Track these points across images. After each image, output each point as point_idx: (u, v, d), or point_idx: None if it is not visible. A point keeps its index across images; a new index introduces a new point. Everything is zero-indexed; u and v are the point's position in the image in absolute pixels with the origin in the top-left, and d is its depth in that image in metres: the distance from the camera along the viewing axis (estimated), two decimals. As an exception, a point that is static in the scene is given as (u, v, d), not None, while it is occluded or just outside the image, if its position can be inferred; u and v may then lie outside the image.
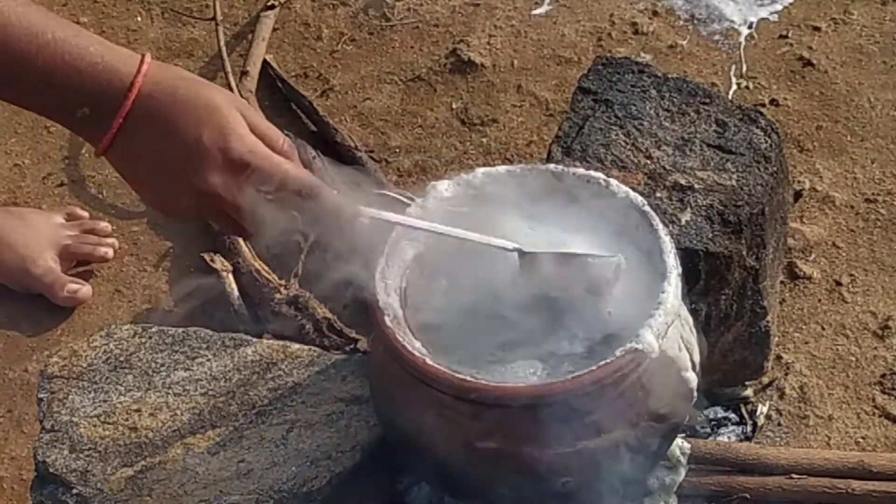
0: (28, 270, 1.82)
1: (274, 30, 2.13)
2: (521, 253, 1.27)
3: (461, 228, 1.27)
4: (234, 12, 2.18)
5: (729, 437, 1.56)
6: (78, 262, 1.87)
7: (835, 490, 1.46)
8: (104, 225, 1.90)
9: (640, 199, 1.32)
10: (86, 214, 1.91)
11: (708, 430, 1.57)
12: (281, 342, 1.51)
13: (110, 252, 1.87)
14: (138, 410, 1.42)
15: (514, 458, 1.23)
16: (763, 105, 1.96)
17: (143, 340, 1.49)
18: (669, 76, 1.61)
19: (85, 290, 1.84)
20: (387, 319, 1.24)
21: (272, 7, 2.15)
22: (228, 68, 1.99)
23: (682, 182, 1.49)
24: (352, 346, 1.62)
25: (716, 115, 1.57)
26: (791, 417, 1.62)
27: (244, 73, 2.01)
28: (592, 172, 1.35)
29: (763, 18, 2.09)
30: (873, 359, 1.67)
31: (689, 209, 1.46)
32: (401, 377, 1.25)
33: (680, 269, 1.26)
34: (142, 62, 1.13)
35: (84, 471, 1.37)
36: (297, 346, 1.50)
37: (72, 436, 1.40)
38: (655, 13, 2.11)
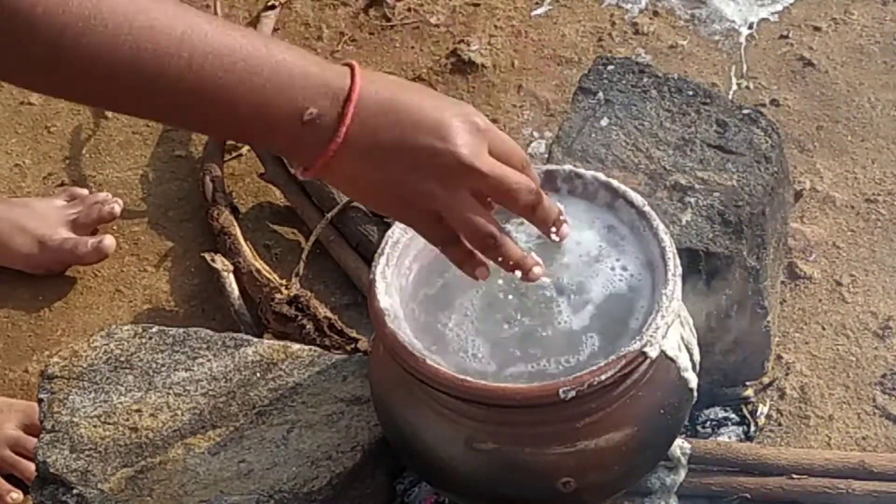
0: (46, 246, 1.82)
1: (274, 30, 2.13)
2: None
3: None
4: (234, 12, 2.18)
5: (729, 437, 1.56)
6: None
7: (835, 490, 1.46)
8: (104, 194, 1.89)
9: (640, 199, 1.32)
10: (84, 191, 1.90)
11: (708, 430, 1.57)
12: (281, 342, 1.51)
13: (117, 207, 1.87)
14: (139, 411, 1.42)
15: (514, 458, 1.23)
16: (763, 105, 1.95)
17: (144, 341, 1.49)
18: (670, 76, 1.61)
19: (108, 239, 1.83)
20: (387, 320, 1.24)
21: (273, 7, 2.15)
22: (229, 68, 1.99)
23: (683, 182, 1.49)
24: (353, 346, 1.62)
25: (716, 115, 1.57)
26: (791, 417, 1.61)
27: (244, 74, 2.01)
28: (592, 172, 1.35)
29: (763, 18, 2.09)
30: (874, 359, 1.67)
31: (689, 209, 1.46)
32: (401, 377, 1.25)
33: (680, 270, 1.26)
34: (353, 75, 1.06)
35: (84, 471, 1.37)
36: (297, 346, 1.50)
37: (72, 436, 1.40)
38: (655, 13, 2.11)
